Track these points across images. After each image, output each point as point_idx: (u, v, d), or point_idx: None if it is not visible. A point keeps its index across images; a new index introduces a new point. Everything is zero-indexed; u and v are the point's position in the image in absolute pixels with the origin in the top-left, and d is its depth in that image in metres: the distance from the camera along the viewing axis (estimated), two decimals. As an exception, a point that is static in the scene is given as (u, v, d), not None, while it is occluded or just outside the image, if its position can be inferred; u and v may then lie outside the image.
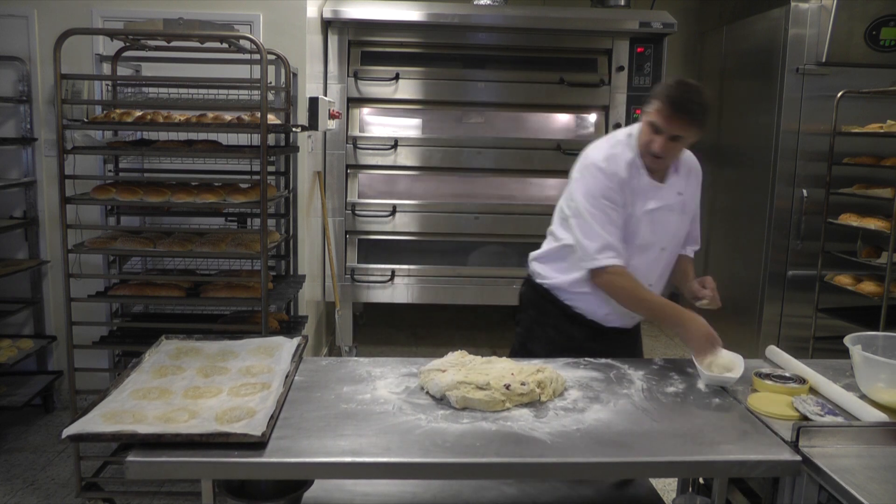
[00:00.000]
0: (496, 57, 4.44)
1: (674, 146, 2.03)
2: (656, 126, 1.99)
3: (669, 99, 1.96)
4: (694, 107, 1.97)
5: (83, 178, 2.84)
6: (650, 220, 2.10)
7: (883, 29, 4.11)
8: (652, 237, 2.12)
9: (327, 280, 4.34)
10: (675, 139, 2.00)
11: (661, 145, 2.00)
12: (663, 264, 2.21)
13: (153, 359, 1.91)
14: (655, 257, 2.16)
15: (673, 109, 1.95)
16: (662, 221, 2.13)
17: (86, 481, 2.82)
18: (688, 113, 1.96)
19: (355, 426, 1.58)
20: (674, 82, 2.01)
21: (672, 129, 1.98)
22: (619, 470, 1.61)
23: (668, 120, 1.96)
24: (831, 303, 4.01)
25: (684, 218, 2.21)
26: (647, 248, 2.13)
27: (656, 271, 2.19)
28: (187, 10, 3.28)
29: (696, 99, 1.98)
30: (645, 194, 2.09)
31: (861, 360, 1.77)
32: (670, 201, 2.13)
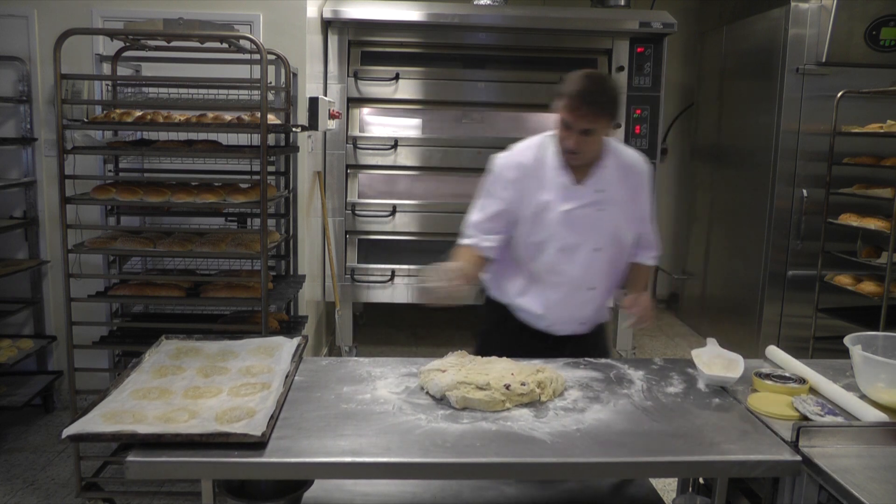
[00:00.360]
0: (496, 57, 4.44)
1: (587, 140, 1.99)
2: (566, 122, 1.97)
3: (574, 94, 1.94)
4: (599, 98, 1.95)
5: (83, 178, 2.84)
6: (568, 220, 2.06)
7: (883, 29, 4.11)
8: (575, 237, 2.08)
9: (327, 280, 4.34)
10: (587, 133, 1.97)
11: (573, 141, 1.98)
12: (603, 266, 2.14)
13: (153, 359, 1.91)
14: (589, 258, 2.10)
15: (578, 104, 1.93)
16: (584, 221, 2.07)
17: (86, 481, 2.82)
18: (593, 105, 1.94)
19: (355, 426, 1.58)
20: (578, 76, 1.98)
21: (580, 123, 1.95)
22: (619, 470, 1.61)
23: (576, 115, 1.94)
24: (831, 303, 4.01)
25: (619, 217, 2.12)
26: (574, 249, 2.09)
27: (596, 274, 2.14)
28: (187, 10, 3.28)
29: (601, 90, 1.96)
30: (561, 194, 2.06)
31: (861, 360, 1.77)
32: (588, 200, 2.07)
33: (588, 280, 2.13)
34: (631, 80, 4.33)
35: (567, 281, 2.11)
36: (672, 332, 5.55)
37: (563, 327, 2.18)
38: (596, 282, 2.15)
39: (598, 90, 1.96)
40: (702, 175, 5.57)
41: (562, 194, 2.06)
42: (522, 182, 2.08)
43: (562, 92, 1.97)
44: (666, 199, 5.84)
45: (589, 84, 1.95)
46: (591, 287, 2.14)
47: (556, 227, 2.07)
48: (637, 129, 4.33)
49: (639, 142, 4.33)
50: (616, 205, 2.10)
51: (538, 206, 2.07)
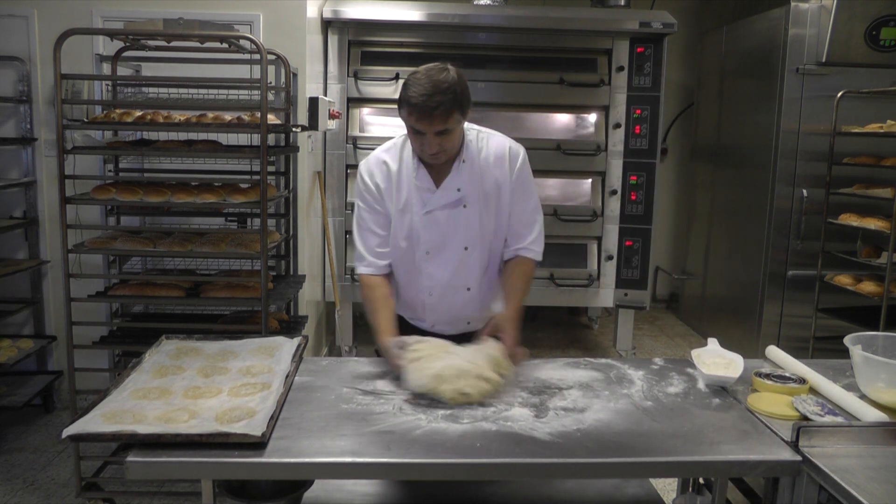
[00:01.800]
0: (496, 57, 4.44)
1: (445, 139, 1.90)
2: (415, 129, 1.88)
3: (415, 100, 1.83)
4: (441, 99, 1.82)
5: (83, 178, 2.84)
6: (430, 222, 2.02)
7: (883, 29, 4.11)
8: (440, 238, 2.03)
9: (327, 280, 4.34)
10: (442, 133, 1.88)
11: (430, 145, 1.90)
12: (475, 265, 2.07)
13: (153, 359, 1.91)
14: (458, 259, 2.05)
15: (418, 112, 1.83)
16: (447, 221, 2.02)
17: (86, 481, 2.82)
18: (438, 107, 1.82)
19: (355, 426, 1.58)
20: (415, 79, 1.86)
21: (432, 127, 1.85)
22: (619, 470, 1.61)
23: (421, 121, 1.85)
24: (831, 303, 4.01)
25: (484, 213, 2.03)
26: (441, 249, 2.04)
27: (472, 273, 2.07)
28: (187, 10, 3.28)
29: (442, 89, 1.83)
30: (420, 197, 2.01)
31: (861, 360, 1.77)
32: (447, 200, 2.00)
33: (461, 280, 2.08)
34: (631, 80, 4.33)
35: (439, 283, 2.07)
36: (672, 332, 5.55)
37: (448, 328, 2.15)
38: (470, 282, 2.08)
39: (441, 89, 1.83)
40: (702, 175, 5.57)
41: (421, 197, 2.01)
42: (387, 184, 2.04)
43: (403, 98, 1.87)
44: (666, 199, 5.84)
45: (430, 86, 1.83)
46: (466, 287, 2.09)
47: (419, 230, 2.03)
48: (637, 129, 4.33)
49: (639, 142, 4.33)
50: (479, 201, 2.02)
51: (400, 209, 2.03)
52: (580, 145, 4.38)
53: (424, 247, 2.05)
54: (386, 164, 2.06)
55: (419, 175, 2.01)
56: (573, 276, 4.40)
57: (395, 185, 2.04)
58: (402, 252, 2.07)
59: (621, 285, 4.42)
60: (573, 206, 4.38)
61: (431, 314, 2.13)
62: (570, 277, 4.40)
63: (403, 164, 2.04)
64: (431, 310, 2.12)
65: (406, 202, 2.03)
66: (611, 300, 4.46)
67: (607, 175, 4.38)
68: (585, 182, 4.44)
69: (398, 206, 2.04)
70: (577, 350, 4.99)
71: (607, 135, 4.36)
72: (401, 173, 2.04)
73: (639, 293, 4.42)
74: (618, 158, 4.36)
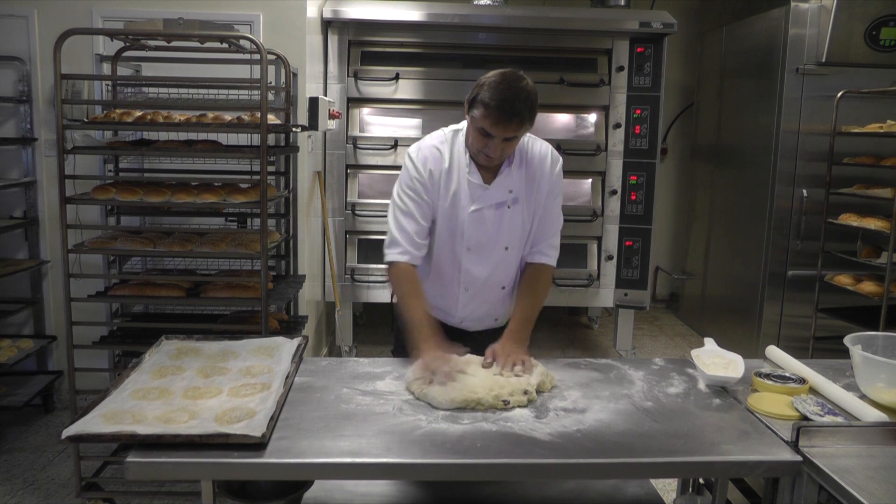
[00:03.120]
0: (496, 57, 4.44)
1: (508, 145, 1.93)
2: (486, 131, 1.89)
3: (494, 104, 1.84)
4: (521, 106, 1.85)
5: (83, 178, 2.84)
6: (477, 220, 2.03)
7: (883, 29, 4.11)
8: (485, 237, 2.04)
9: (327, 280, 4.34)
10: (509, 140, 1.91)
11: (495, 149, 1.92)
12: (514, 264, 2.12)
13: (153, 359, 1.91)
14: (498, 258, 2.08)
15: (499, 115, 1.85)
16: (493, 221, 2.04)
17: (86, 481, 2.82)
18: (515, 116, 1.85)
19: (355, 426, 1.58)
20: (494, 83, 1.87)
21: (503, 133, 1.88)
22: (619, 470, 1.61)
23: (497, 125, 1.86)
24: (831, 303, 4.01)
25: (526, 214, 2.07)
26: (483, 248, 2.06)
27: (509, 273, 2.11)
28: (187, 10, 3.28)
29: (520, 97, 1.85)
30: (470, 194, 2.02)
31: (861, 360, 1.77)
32: (497, 200, 2.03)
33: (498, 279, 2.11)
34: (631, 80, 4.33)
35: (477, 280, 2.09)
36: (672, 332, 5.55)
37: (477, 324, 2.17)
38: (506, 280, 2.12)
39: (520, 97, 1.86)
40: (702, 175, 5.57)
41: (471, 194, 2.02)
42: (439, 178, 2.03)
43: (480, 100, 1.88)
44: (666, 199, 5.84)
45: (511, 93, 1.85)
46: (502, 286, 2.12)
47: (465, 227, 2.04)
48: (637, 129, 4.33)
49: (639, 142, 4.33)
50: (523, 203, 2.05)
51: (448, 203, 2.03)
52: (580, 145, 4.39)
53: (467, 243, 2.05)
54: (440, 154, 2.04)
55: (472, 171, 2.02)
56: (573, 276, 4.41)
57: (444, 180, 2.03)
58: (444, 245, 2.07)
59: (621, 285, 4.43)
60: (573, 205, 4.38)
61: (463, 310, 2.14)
62: (570, 277, 4.40)
63: (455, 158, 2.04)
64: (464, 305, 2.13)
65: (454, 197, 2.03)
66: (611, 300, 4.46)
67: (607, 175, 4.38)
68: (585, 182, 4.44)
69: (446, 201, 2.03)
70: (577, 350, 4.99)
71: (607, 135, 4.36)
72: (452, 167, 2.04)
73: (639, 293, 4.42)
74: (618, 158, 4.36)
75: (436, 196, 2.04)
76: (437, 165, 2.04)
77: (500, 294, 2.14)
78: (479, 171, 2.03)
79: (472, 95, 1.92)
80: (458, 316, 2.16)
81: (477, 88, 1.90)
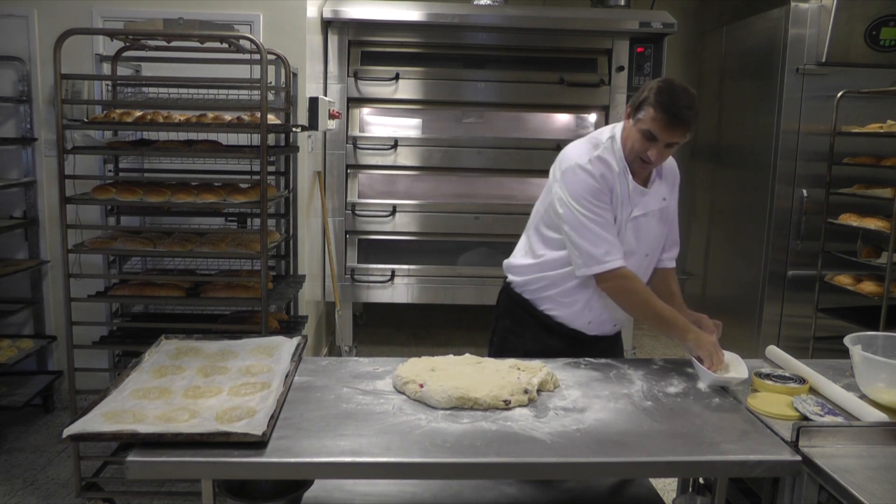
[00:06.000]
0: (496, 57, 4.44)
1: (668, 152, 1.99)
2: (651, 134, 1.92)
3: (664, 108, 1.89)
4: (689, 114, 1.91)
5: (83, 178, 2.84)
6: (635, 227, 2.06)
7: (883, 29, 4.11)
8: (636, 244, 2.07)
9: (327, 280, 4.34)
10: (670, 146, 1.96)
11: (656, 153, 1.96)
12: (649, 271, 2.18)
13: (153, 359, 1.91)
14: (639, 263, 2.11)
15: (669, 119, 1.89)
16: (646, 228, 2.08)
17: (86, 481, 2.82)
18: (684, 122, 1.90)
19: (355, 426, 1.58)
20: (665, 88, 1.92)
21: (669, 138, 1.93)
22: (619, 470, 1.61)
23: (665, 129, 1.91)
24: (831, 303, 4.01)
25: (665, 223, 2.15)
26: (632, 254, 2.07)
27: (644, 279, 2.13)
28: (187, 10, 3.28)
29: (690, 105, 1.91)
30: (630, 200, 2.04)
31: (861, 360, 1.77)
32: (654, 207, 2.08)
33: None
34: (631, 80, 4.33)
35: None
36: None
37: (599, 328, 2.18)
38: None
39: (687, 105, 1.90)
40: (702, 175, 5.56)
41: (633, 200, 2.04)
42: (615, 186, 2.02)
43: (648, 103, 1.92)
44: (666, 199, 5.83)
45: (677, 99, 1.89)
46: None
47: (623, 233, 2.05)
48: (637, 129, 4.33)
49: (639, 142, 4.33)
50: (667, 211, 2.13)
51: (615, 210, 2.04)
52: (580, 145, 4.38)
53: (625, 248, 2.04)
54: (609, 166, 2.01)
55: (631, 179, 2.03)
56: (573, 276, 4.40)
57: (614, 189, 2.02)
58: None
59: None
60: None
61: (594, 313, 2.13)
62: (571, 277, 4.39)
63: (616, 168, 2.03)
64: (599, 309, 2.12)
65: (619, 203, 2.03)
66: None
67: (607, 175, 4.37)
68: (585, 182, 4.44)
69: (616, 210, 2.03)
70: (577, 350, 4.98)
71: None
72: (618, 178, 2.03)
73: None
74: (618, 158, 4.35)
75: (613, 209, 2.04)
76: (613, 177, 2.02)
77: None
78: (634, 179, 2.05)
79: (638, 98, 1.95)
80: (587, 318, 2.15)
81: (646, 92, 1.94)
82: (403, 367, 1.86)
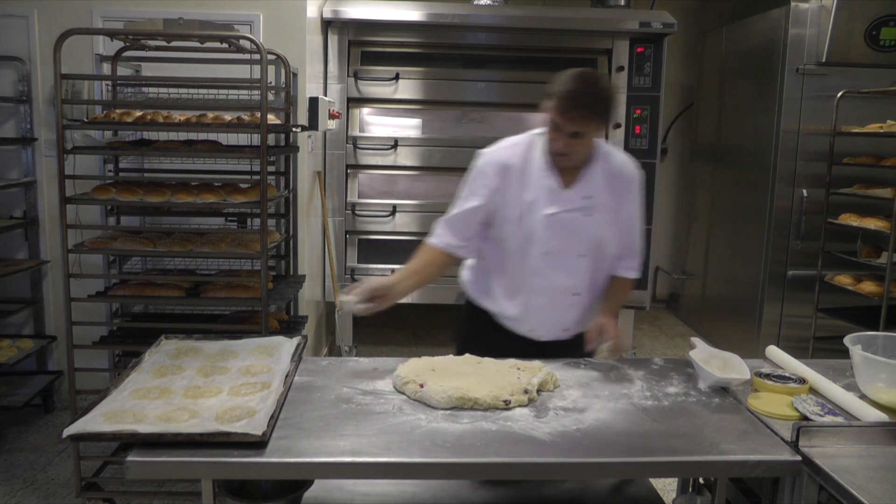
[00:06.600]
0: (496, 57, 4.44)
1: (577, 143, 1.92)
2: (556, 124, 1.90)
3: (565, 95, 1.87)
4: (591, 101, 1.87)
5: (83, 178, 2.84)
6: (552, 224, 2.01)
7: (883, 29, 4.11)
8: (559, 242, 2.03)
9: (327, 280, 4.34)
10: (577, 136, 1.90)
11: (562, 143, 1.92)
12: (587, 273, 2.09)
13: (153, 359, 1.91)
14: (573, 264, 2.06)
15: (569, 106, 1.86)
16: (572, 226, 2.02)
17: (86, 481, 2.82)
18: (584, 108, 1.86)
19: (355, 426, 1.58)
20: (569, 76, 1.90)
21: (571, 126, 1.88)
22: (619, 470, 1.61)
23: (565, 117, 1.87)
24: (831, 303, 4.01)
25: (604, 224, 2.05)
26: (558, 254, 2.04)
27: (580, 280, 2.08)
28: (187, 10, 3.28)
29: (593, 92, 1.88)
30: (547, 197, 2.01)
31: (861, 360, 1.77)
32: (574, 206, 2.01)
33: (572, 286, 2.09)
34: (631, 80, 4.33)
35: (550, 286, 2.07)
36: (672, 332, 5.55)
37: (546, 333, 2.14)
38: (580, 288, 2.10)
39: (591, 92, 1.88)
40: (702, 175, 5.57)
41: (547, 197, 2.01)
42: (507, 181, 2.03)
43: (552, 91, 1.91)
44: (666, 199, 5.84)
45: (581, 85, 1.88)
46: (575, 293, 2.10)
47: (540, 231, 2.01)
48: (637, 129, 4.33)
49: (639, 142, 4.33)
50: (602, 212, 2.04)
51: (522, 207, 2.02)
52: (580, 145, 4.38)
53: (542, 248, 2.03)
54: (507, 164, 2.03)
55: (550, 174, 2.01)
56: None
57: (516, 184, 2.02)
58: (517, 252, 2.06)
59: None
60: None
61: (534, 317, 2.12)
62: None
63: (531, 164, 2.03)
64: (537, 311, 2.10)
65: (532, 202, 2.01)
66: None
67: (607, 175, 4.37)
68: (585, 182, 4.44)
69: (520, 206, 2.02)
70: (577, 350, 4.98)
71: (607, 135, 4.36)
72: (526, 173, 2.03)
73: (639, 293, 4.42)
74: (618, 158, 4.35)
75: (503, 200, 2.03)
76: (506, 170, 2.03)
77: (571, 301, 2.11)
78: (560, 175, 2.02)
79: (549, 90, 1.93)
80: (530, 324, 2.13)
81: (555, 81, 1.92)
82: (403, 367, 1.86)
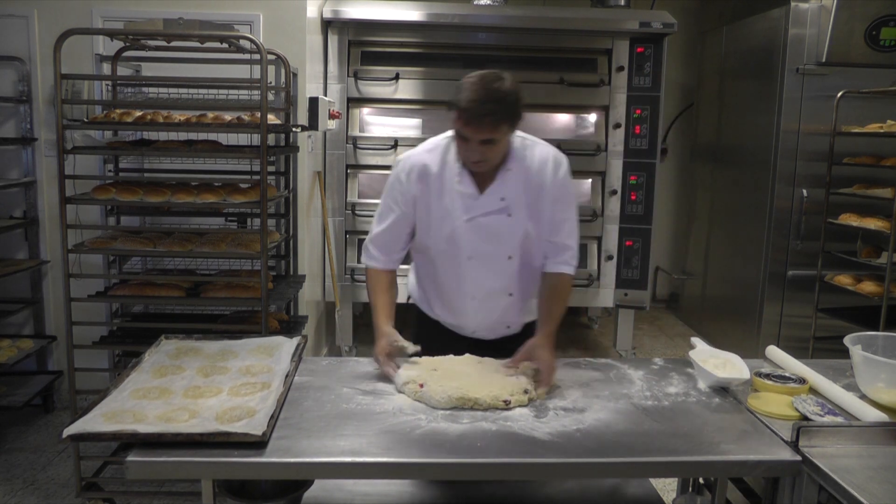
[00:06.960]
0: (496, 57, 4.44)
1: (490, 149, 1.85)
2: (463, 135, 1.84)
3: (467, 106, 1.78)
4: (496, 107, 1.78)
5: (83, 178, 2.84)
6: (475, 228, 1.98)
7: (883, 29, 4.11)
8: (483, 246, 1.99)
9: (327, 280, 4.34)
10: (488, 142, 1.83)
11: (474, 153, 1.85)
12: (519, 271, 2.05)
13: (153, 359, 1.91)
14: (501, 266, 2.03)
15: (473, 116, 1.78)
16: (495, 229, 1.98)
17: (86, 481, 2.82)
18: (491, 115, 1.78)
19: (355, 426, 1.58)
20: (470, 84, 1.81)
21: (479, 135, 1.81)
22: (619, 470, 1.61)
23: (469, 127, 1.80)
24: (831, 303, 4.01)
25: (527, 223, 1.99)
26: (484, 257, 2.00)
27: (510, 280, 2.05)
28: (187, 10, 3.28)
29: (497, 97, 1.79)
30: (463, 203, 1.97)
31: (861, 360, 1.77)
32: (491, 209, 1.97)
33: (503, 287, 2.06)
34: (631, 80, 4.32)
35: (482, 289, 2.05)
36: (672, 332, 5.55)
37: (489, 333, 2.13)
38: (513, 288, 2.07)
39: (494, 98, 1.78)
40: (702, 175, 5.57)
41: (463, 203, 1.97)
42: (427, 187, 1.99)
43: (454, 103, 1.82)
44: (666, 199, 5.84)
45: (483, 92, 1.78)
46: (509, 293, 2.08)
47: (462, 236, 1.99)
48: (637, 129, 4.33)
49: (638, 142, 4.33)
50: (522, 209, 1.98)
51: (442, 213, 1.99)
52: (580, 145, 4.38)
53: (467, 252, 2.01)
54: (426, 168, 2.00)
55: (463, 180, 1.97)
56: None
57: (435, 189, 1.99)
58: (445, 255, 2.04)
59: (621, 285, 4.42)
60: (573, 206, 4.38)
61: (473, 319, 2.11)
62: (570, 277, 4.39)
63: (447, 167, 1.99)
64: (474, 314, 2.09)
65: (449, 207, 1.99)
66: (611, 300, 4.46)
67: (607, 175, 4.38)
68: (585, 182, 4.44)
69: (440, 211, 2.00)
70: (577, 350, 4.99)
71: (607, 135, 4.36)
72: (443, 177, 1.99)
73: (639, 293, 4.42)
74: (618, 158, 4.36)
75: (425, 206, 2.01)
76: (420, 180, 2.00)
77: (508, 301, 2.09)
78: (474, 179, 1.98)
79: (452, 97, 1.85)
80: (471, 326, 2.12)
81: (456, 90, 1.84)
82: (403, 368, 1.86)
